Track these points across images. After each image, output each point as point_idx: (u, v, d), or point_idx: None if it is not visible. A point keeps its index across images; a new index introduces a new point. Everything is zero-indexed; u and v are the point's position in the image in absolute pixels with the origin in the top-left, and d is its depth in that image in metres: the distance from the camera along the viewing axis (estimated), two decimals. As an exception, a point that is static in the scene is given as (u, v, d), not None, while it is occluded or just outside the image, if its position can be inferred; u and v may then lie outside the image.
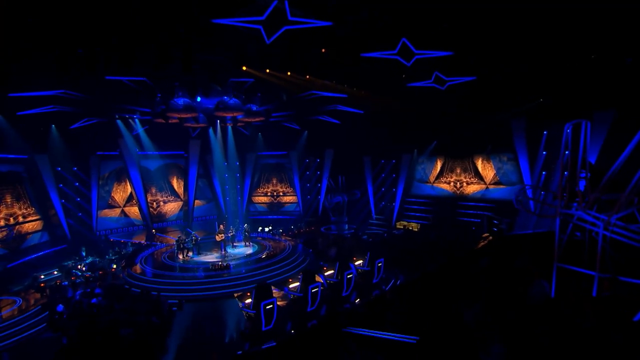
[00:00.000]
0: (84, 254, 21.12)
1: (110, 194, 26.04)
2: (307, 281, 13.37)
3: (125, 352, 11.71)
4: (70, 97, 15.82)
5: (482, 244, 13.80)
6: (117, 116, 21.75)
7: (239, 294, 16.04)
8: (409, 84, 14.67)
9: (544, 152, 19.29)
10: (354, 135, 25.99)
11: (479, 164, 24.59)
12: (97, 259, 20.84)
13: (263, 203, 32.05)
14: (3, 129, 18.40)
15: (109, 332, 12.18)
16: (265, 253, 19.81)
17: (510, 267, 8.95)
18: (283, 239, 24.22)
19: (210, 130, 26.57)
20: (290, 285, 14.27)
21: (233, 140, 27.97)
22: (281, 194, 31.81)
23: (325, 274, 15.84)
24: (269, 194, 31.91)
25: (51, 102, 17.14)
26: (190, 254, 20.43)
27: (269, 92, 17.88)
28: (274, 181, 31.91)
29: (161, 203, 28.32)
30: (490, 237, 15.13)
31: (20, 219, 21.12)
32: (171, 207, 28.90)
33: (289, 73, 14.13)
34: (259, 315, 11.90)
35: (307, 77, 14.61)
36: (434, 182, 26.83)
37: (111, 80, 15.45)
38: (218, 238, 20.50)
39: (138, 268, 18.32)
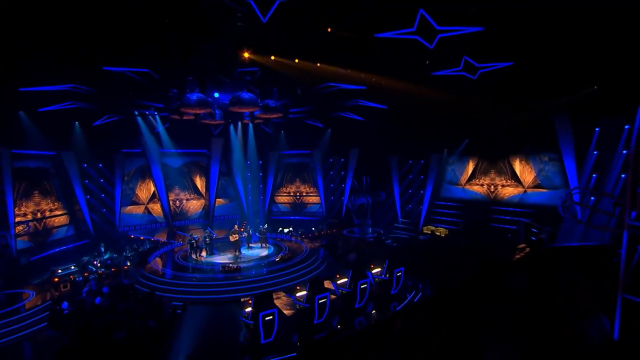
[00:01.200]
0: (102, 249, 20.83)
1: (135, 191, 25.86)
2: (315, 290, 11.85)
3: (115, 357, 10.78)
4: (82, 92, 15.26)
5: (518, 255, 11.66)
6: (136, 113, 21.31)
7: (246, 299, 14.80)
8: (435, 73, 12.78)
9: (595, 152, 16.57)
10: (380, 134, 24.13)
11: (516, 165, 21.96)
12: (115, 255, 20.44)
13: (286, 203, 30.89)
14: (28, 126, 18.33)
15: (102, 334, 11.34)
16: (279, 256, 18.48)
17: (553, 290, 6.98)
18: (301, 241, 22.83)
19: (231, 128, 25.73)
20: (298, 294, 12.81)
21: (254, 139, 27.01)
22: (304, 194, 30.50)
23: (339, 281, 14.23)
24: (292, 193, 30.70)
25: (67, 98, 16.79)
26: (204, 253, 19.52)
27: (280, 85, 16.52)
28: (297, 181, 30.66)
29: (184, 201, 27.85)
30: (528, 249, 12.88)
31: (47, 214, 21.20)
32: (194, 205, 28.37)
33: (296, 60, 12.72)
34: (257, 326, 10.53)
35: (318, 64, 13.12)
36: (465, 185, 24.42)
37: (122, 75, 14.78)
38: (232, 238, 19.44)
39: (150, 267, 17.61)
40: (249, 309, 11.46)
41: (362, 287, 13.08)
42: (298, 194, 30.53)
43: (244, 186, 29.56)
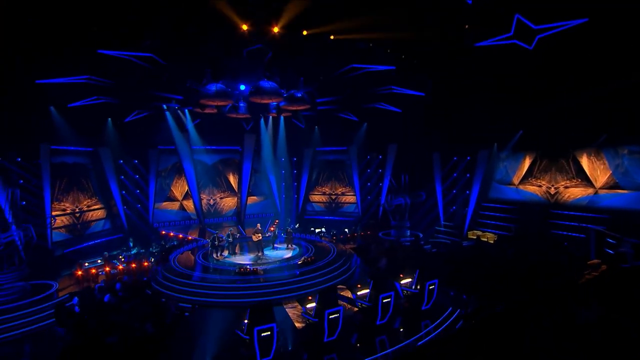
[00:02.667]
0: (131, 244, 20.56)
1: (170, 187, 25.58)
2: (325, 302, 9.88)
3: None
4: (100, 84, 14.67)
5: (589, 275, 8.71)
6: (165, 107, 20.76)
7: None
8: (477, 44, 10.20)
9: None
10: (420, 127, 21.50)
11: (584, 160, 18.14)
12: (142, 251, 20.03)
13: (321, 202, 29.14)
14: (65, 123, 18.32)
15: (94, 337, 10.33)
16: (302, 258, 16.70)
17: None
18: (331, 243, 20.85)
19: (262, 123, 24.49)
20: (309, 305, 10.91)
21: (284, 134, 25.53)
22: (339, 193, 28.53)
23: (359, 292, 12.11)
24: (327, 193, 28.88)
25: (91, 92, 16.44)
26: (226, 253, 18.35)
27: (298, 67, 14.70)
28: (333, 179, 28.77)
29: (217, 198, 27.15)
30: (604, 266, 9.70)
31: (85, 208, 21.41)
32: (227, 203, 27.60)
33: (304, 32, 10.83)
34: (253, 342, 8.81)
35: (332, 37, 11.09)
36: (519, 184, 20.90)
37: (137, 66, 13.93)
38: (254, 238, 18.05)
39: (168, 265, 16.75)
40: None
41: (384, 301, 10.86)
42: (333, 193, 28.65)
43: (278, 184, 28.29)
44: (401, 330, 11.38)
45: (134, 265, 16.84)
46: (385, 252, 18.14)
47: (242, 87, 18.01)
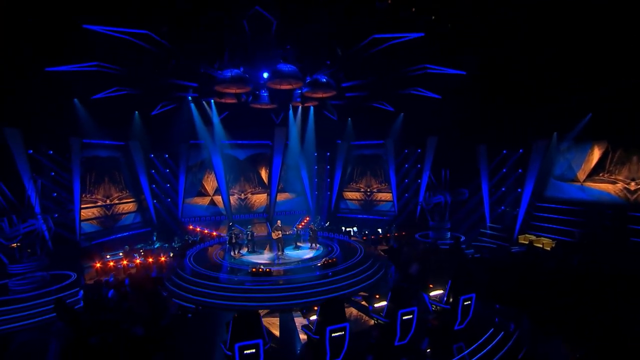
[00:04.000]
0: (154, 238, 20.10)
1: (202, 182, 25.01)
2: (328, 318, 7.98)
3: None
4: (111, 72, 14.00)
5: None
6: (190, 98, 20.02)
7: (265, 311, 11.66)
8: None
9: None
10: (463, 115, 18.61)
11: (676, 151, 14.34)
12: (166, 245, 19.43)
13: (355, 200, 27.10)
14: (92, 116, 18.16)
15: (79, 336, 9.38)
16: (323, 260, 14.86)
17: None
18: (359, 243, 18.77)
19: (290, 115, 23.00)
20: (312, 317, 9.07)
21: (316, 126, 23.81)
22: (375, 190, 26.29)
23: (377, 304, 10.02)
24: (361, 189, 26.78)
25: (112, 84, 15.96)
26: (245, 250, 17.07)
27: (311, 42, 12.80)
28: (368, 175, 26.60)
29: (249, 194, 26.16)
30: None
31: (116, 201, 21.41)
32: (259, 199, 26.52)
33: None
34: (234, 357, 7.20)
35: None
36: (584, 181, 17.29)
37: (147, 51, 13.03)
38: (274, 236, 16.57)
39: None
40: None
41: (404, 318, 8.71)
42: (369, 189, 26.47)
43: (310, 180, 26.72)
44: (427, 351, 9.16)
45: (150, 259, 16.11)
46: (419, 256, 15.72)
47: (265, 75, 16.64)
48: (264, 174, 26.58)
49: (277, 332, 10.37)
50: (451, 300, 9.77)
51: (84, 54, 12.71)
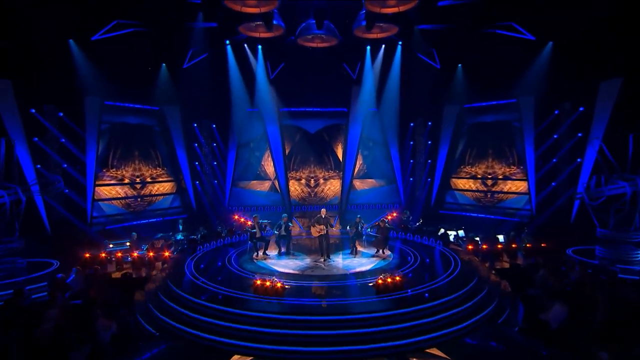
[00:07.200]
0: (180, 227, 17.88)
1: (261, 162, 22.12)
2: None
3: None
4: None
5: None
6: (227, 42, 17.11)
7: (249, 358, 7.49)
8: None
9: None
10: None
11: None
12: (192, 237, 16.93)
13: (468, 191, 20.95)
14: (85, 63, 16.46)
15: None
16: (381, 277, 9.82)
17: None
18: (457, 254, 12.97)
19: (368, 59, 18.25)
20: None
21: (403, 81, 18.55)
22: (500, 176, 19.70)
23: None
24: (479, 175, 20.45)
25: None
26: (273, 251, 13.23)
27: None
28: (490, 154, 20.14)
29: (320, 180, 22.29)
30: None
31: (148, 179, 19.99)
32: (334, 186, 22.38)
33: None
34: None
35: None
36: None
37: None
38: (314, 232, 12.30)
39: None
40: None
41: None
42: (490, 175, 20.05)
43: (402, 161, 21.69)
44: None
45: (152, 253, 13.57)
46: (569, 290, 9.49)
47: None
48: (340, 153, 22.37)
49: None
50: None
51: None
